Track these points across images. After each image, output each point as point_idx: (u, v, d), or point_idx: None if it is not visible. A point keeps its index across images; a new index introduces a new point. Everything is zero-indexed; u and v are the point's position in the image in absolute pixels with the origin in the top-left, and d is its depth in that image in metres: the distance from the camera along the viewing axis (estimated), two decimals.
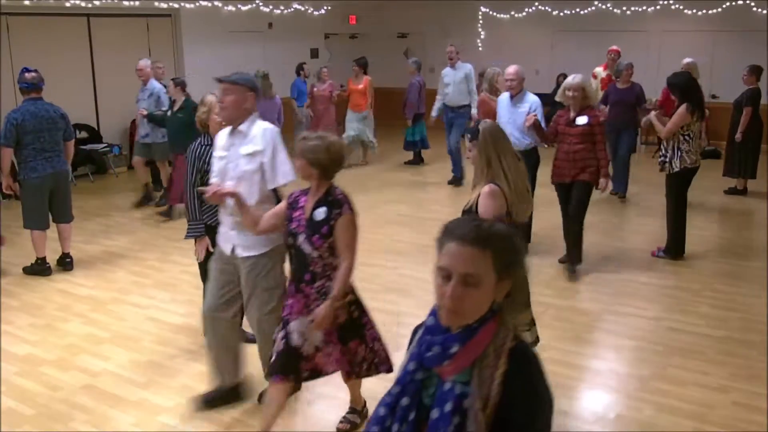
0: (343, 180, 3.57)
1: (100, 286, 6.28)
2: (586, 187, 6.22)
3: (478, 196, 3.67)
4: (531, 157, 6.53)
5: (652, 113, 6.98)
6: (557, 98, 6.31)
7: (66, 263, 6.67)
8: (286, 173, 3.86)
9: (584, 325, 5.32)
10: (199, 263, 4.73)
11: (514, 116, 6.65)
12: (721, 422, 3.98)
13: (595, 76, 9.98)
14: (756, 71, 9.04)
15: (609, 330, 5.25)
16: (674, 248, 6.74)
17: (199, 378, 4.56)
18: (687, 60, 9.36)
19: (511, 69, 6.78)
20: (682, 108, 6.40)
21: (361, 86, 11.13)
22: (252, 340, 5.05)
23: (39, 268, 6.53)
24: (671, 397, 4.25)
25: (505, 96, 6.88)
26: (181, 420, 4.08)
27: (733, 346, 4.94)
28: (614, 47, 9.94)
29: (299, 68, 11.42)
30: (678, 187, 6.63)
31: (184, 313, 5.62)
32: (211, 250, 4.58)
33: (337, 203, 3.47)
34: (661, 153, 6.70)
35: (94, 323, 5.47)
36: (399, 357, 4.84)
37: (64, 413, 4.16)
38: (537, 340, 4.04)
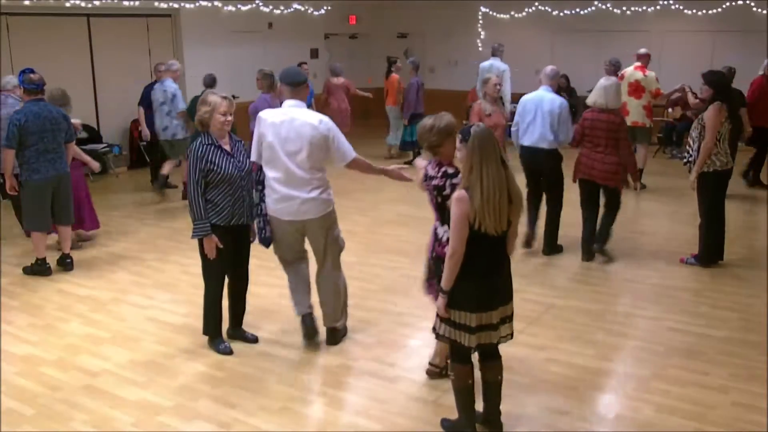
0: (342, 180, 3.57)
1: (100, 287, 6.28)
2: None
3: None
4: None
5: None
6: None
7: (66, 263, 6.67)
8: None
9: (584, 325, 5.31)
10: (203, 261, 4.73)
11: None
12: (721, 422, 3.98)
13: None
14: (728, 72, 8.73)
15: (609, 330, 5.24)
16: (706, 256, 6.42)
17: (199, 378, 4.56)
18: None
19: None
20: (714, 109, 6.06)
21: None
22: (252, 340, 5.06)
23: (39, 269, 6.52)
24: (671, 397, 4.25)
25: None
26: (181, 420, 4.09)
27: (733, 346, 4.94)
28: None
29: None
30: (709, 190, 6.26)
31: (184, 313, 5.61)
32: (220, 246, 4.61)
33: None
34: (687, 154, 6.37)
35: (94, 323, 5.47)
36: (400, 357, 4.86)
37: (64, 413, 4.16)
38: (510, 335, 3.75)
